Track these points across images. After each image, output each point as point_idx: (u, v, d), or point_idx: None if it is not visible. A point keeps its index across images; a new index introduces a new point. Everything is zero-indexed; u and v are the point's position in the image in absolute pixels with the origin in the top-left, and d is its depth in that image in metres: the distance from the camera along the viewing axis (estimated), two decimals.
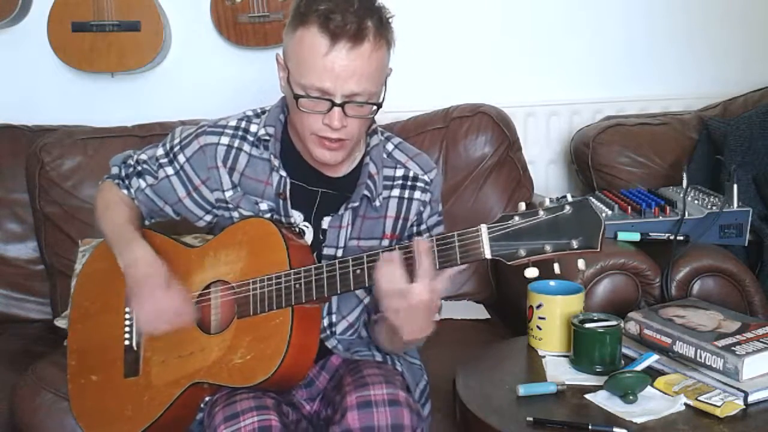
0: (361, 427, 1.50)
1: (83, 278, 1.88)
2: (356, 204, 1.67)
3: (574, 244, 1.39)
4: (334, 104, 1.52)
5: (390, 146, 1.75)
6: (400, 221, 1.72)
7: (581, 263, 1.47)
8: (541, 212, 1.41)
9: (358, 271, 1.52)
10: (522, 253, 1.41)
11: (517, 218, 1.42)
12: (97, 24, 2.63)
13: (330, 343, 1.71)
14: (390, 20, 1.56)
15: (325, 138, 1.56)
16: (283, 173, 1.67)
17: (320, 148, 1.59)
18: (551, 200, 1.44)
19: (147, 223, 1.81)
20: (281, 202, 1.68)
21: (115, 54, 2.65)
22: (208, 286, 1.67)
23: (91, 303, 1.81)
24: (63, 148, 2.54)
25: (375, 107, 1.56)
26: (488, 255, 1.43)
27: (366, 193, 1.67)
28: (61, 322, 2.40)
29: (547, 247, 1.40)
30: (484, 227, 1.43)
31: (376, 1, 1.56)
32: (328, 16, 1.48)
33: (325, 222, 1.68)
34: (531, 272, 1.43)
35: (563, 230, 1.40)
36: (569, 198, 1.44)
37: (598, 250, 1.40)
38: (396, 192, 1.71)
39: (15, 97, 2.77)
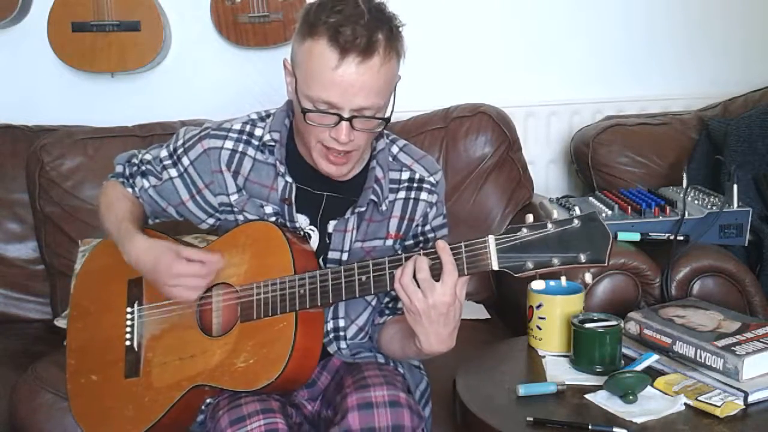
0: (361, 428, 1.50)
1: (83, 277, 1.88)
2: (363, 209, 1.66)
3: (582, 258, 1.39)
4: (342, 118, 1.50)
5: (395, 149, 1.74)
6: (405, 221, 1.71)
7: (588, 277, 1.47)
8: (550, 225, 1.40)
9: (364, 279, 1.51)
10: (530, 265, 1.40)
11: (525, 230, 1.41)
12: (97, 24, 2.63)
13: (332, 348, 1.70)
14: (401, 30, 1.53)
15: (332, 150, 1.55)
16: (289, 179, 1.66)
17: (326, 162, 1.58)
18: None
19: (151, 222, 1.81)
20: (286, 207, 1.67)
21: (115, 54, 2.65)
22: (209, 289, 1.66)
23: (91, 302, 1.81)
24: (63, 148, 2.55)
25: (383, 121, 1.55)
26: (495, 267, 1.42)
27: (373, 197, 1.66)
28: (61, 322, 2.40)
29: (555, 260, 1.39)
30: (491, 239, 1.42)
31: (387, 10, 1.53)
32: (338, 29, 1.45)
33: (331, 226, 1.67)
34: (537, 284, 1.43)
35: (571, 243, 1.39)
36: (577, 211, 1.43)
37: (606, 264, 1.40)
38: (402, 194, 1.71)
39: (15, 97, 2.77)
